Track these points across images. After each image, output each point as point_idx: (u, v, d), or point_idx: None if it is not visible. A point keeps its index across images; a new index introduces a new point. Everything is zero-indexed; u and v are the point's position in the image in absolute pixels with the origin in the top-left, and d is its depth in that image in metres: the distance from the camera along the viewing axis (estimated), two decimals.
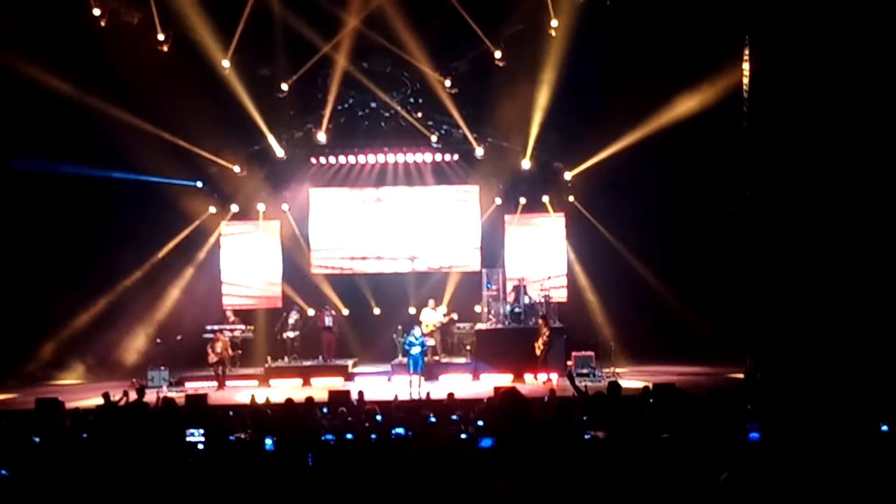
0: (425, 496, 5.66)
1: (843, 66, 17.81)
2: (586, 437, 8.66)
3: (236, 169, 23.31)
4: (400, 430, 9.96)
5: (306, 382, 20.51)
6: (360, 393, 14.50)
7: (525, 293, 21.83)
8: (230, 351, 20.84)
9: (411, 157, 24.09)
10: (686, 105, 20.32)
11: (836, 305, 18.35)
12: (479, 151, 23.09)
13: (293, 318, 22.40)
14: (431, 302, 21.88)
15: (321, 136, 22.75)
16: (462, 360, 21.57)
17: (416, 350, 19.17)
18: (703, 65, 19.87)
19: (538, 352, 19.56)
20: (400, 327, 21.47)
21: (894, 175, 17.93)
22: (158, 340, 21.49)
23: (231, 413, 13.65)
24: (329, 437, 9.65)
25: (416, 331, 19.59)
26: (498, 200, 24.07)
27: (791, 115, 18.69)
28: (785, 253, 19.27)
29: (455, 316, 22.03)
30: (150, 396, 14.61)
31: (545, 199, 23.81)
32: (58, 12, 19.06)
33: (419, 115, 22.92)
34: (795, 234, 19.11)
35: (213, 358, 20.29)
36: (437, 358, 21.26)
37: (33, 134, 20.12)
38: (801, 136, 18.60)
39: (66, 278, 21.64)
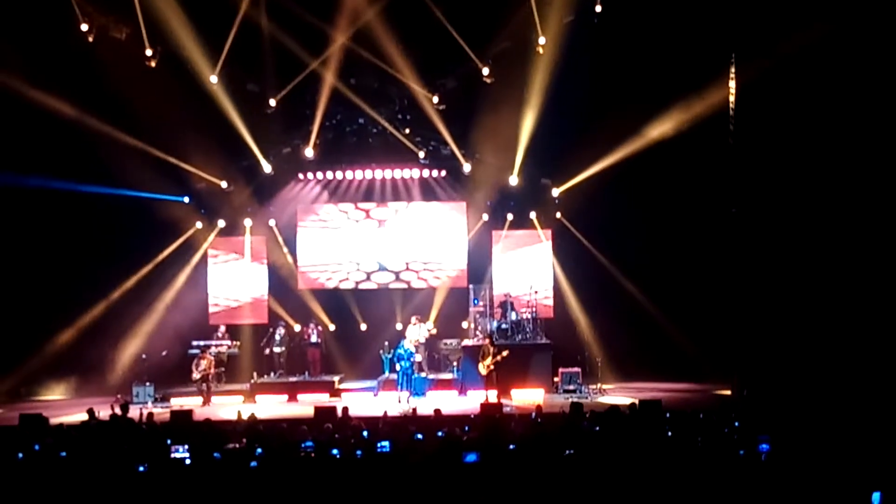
0: None
1: (828, 84, 17.91)
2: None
3: (223, 184, 23.27)
4: (385, 444, 9.95)
5: (292, 398, 20.46)
6: (345, 409, 14.46)
7: (512, 309, 21.85)
8: (214, 368, 20.73)
9: (399, 174, 24.09)
10: (673, 122, 20.41)
11: (823, 321, 18.39)
12: (467, 167, 23.12)
13: (279, 333, 22.38)
14: (414, 318, 21.84)
15: (309, 152, 22.75)
16: (449, 376, 21.53)
17: (404, 364, 19.35)
18: (690, 82, 19.96)
19: (485, 371, 19.36)
20: (387, 343, 21.46)
21: (882, 191, 18.01)
22: (144, 356, 21.37)
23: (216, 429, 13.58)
24: (309, 444, 9.65)
25: (405, 344, 19.77)
26: (485, 216, 24.08)
27: (777, 132, 18.77)
28: (772, 269, 19.31)
29: (434, 330, 22.04)
30: (135, 412, 14.56)
31: (532, 215, 23.81)
32: (45, 28, 19.04)
33: (407, 131, 22.93)
34: (782, 251, 19.16)
35: (196, 375, 20.22)
36: (422, 374, 21.22)
37: (18, 149, 20.02)
38: (788, 153, 18.67)
39: (51, 293, 21.56)
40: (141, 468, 8.87)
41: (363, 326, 23.87)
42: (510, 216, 23.91)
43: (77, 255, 21.79)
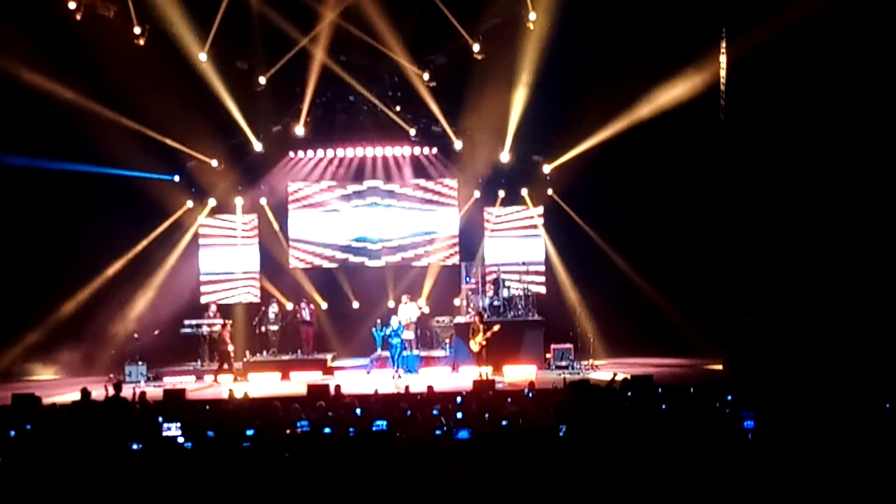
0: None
1: (819, 60, 17.90)
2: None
3: (214, 163, 23.18)
4: (381, 424, 9.96)
5: (285, 376, 20.49)
6: (337, 387, 14.47)
7: (504, 286, 21.89)
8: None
9: (390, 151, 24.04)
10: (664, 98, 20.37)
11: (813, 297, 18.47)
12: (458, 145, 23.06)
13: (272, 312, 22.39)
14: (405, 297, 21.85)
15: (299, 130, 22.64)
16: (441, 353, 21.58)
17: (395, 341, 19.56)
18: (682, 58, 19.93)
19: (477, 348, 19.39)
20: (379, 321, 21.47)
21: (872, 167, 18.04)
22: (136, 335, 21.35)
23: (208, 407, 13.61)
24: (304, 423, 9.66)
25: (394, 322, 20.08)
26: (477, 194, 24.06)
27: (768, 108, 18.78)
28: (763, 245, 19.38)
29: (426, 309, 22.12)
30: (127, 391, 14.56)
31: (524, 192, 23.80)
32: (33, 6, 18.88)
33: (398, 108, 22.84)
34: (773, 226, 19.22)
35: (230, 346, 20.31)
36: (415, 352, 21.26)
37: (6, 128, 19.88)
38: (778, 129, 18.69)
39: (42, 274, 21.49)
40: (135, 447, 8.89)
41: (355, 304, 23.87)
42: (502, 193, 23.90)
43: (68, 235, 21.70)
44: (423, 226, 24.22)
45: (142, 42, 19.80)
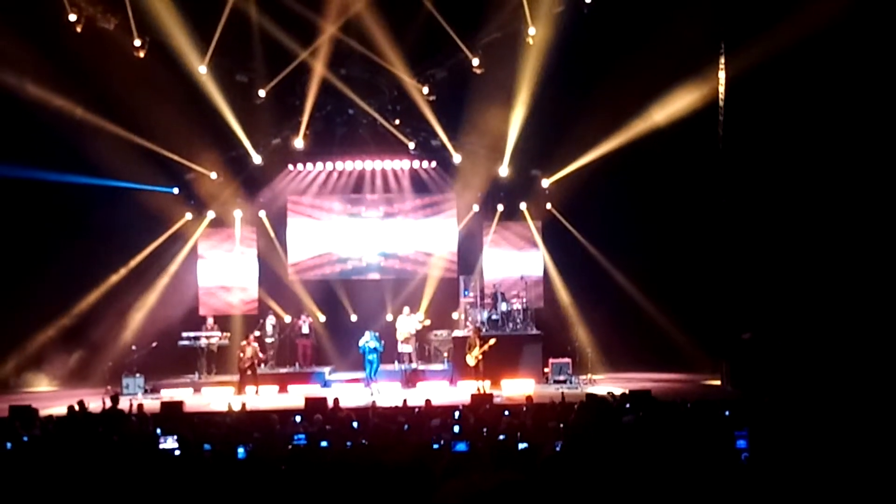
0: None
1: (817, 77, 17.93)
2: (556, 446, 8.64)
3: (213, 175, 23.20)
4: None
5: (283, 389, 20.45)
6: (335, 400, 14.46)
7: (502, 300, 21.87)
8: (260, 355, 20.70)
9: (389, 165, 24.07)
10: (663, 112, 20.41)
11: (813, 313, 18.44)
12: (457, 158, 23.09)
13: (270, 324, 22.36)
14: (406, 309, 21.84)
15: (298, 143, 22.69)
16: (439, 366, 21.56)
17: (371, 356, 19.81)
18: (681, 73, 19.96)
19: (473, 362, 19.40)
20: (378, 333, 21.47)
21: (871, 182, 18.04)
22: (134, 347, 21.31)
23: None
24: (300, 436, 9.64)
25: (366, 336, 20.19)
26: (475, 207, 24.08)
27: (767, 123, 18.79)
28: (762, 259, 19.36)
29: (427, 322, 22.12)
30: (125, 404, 14.55)
31: (523, 206, 23.82)
32: (33, 18, 18.91)
33: (397, 122, 22.88)
34: (772, 242, 19.20)
35: (245, 363, 20.21)
36: (413, 365, 21.23)
37: (5, 139, 19.87)
38: (777, 144, 18.70)
39: (40, 285, 21.46)
40: (130, 459, 8.86)
41: (353, 318, 23.83)
42: (500, 207, 23.91)
43: (66, 247, 21.65)
44: (421, 239, 24.22)
45: (142, 54, 19.84)
